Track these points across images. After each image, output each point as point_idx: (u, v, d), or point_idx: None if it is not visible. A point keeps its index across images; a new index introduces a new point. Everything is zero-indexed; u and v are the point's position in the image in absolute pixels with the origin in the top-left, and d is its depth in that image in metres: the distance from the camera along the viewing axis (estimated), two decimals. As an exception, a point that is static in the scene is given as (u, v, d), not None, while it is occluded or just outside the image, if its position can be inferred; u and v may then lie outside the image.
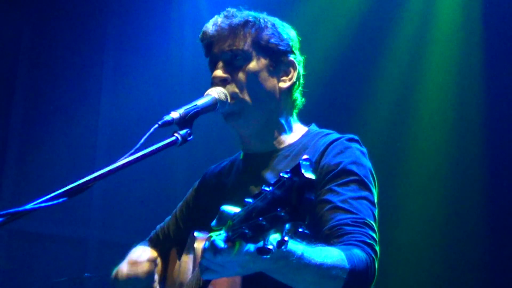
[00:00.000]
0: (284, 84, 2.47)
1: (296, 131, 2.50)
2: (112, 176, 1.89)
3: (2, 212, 1.70)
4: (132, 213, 6.63)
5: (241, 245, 1.66)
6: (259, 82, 2.41)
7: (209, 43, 2.48)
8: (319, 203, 2.19)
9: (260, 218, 1.54)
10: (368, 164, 2.32)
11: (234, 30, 2.43)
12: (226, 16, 2.47)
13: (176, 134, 2.10)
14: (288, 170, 1.52)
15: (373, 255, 2.06)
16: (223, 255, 1.68)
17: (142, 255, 2.60)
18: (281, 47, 2.46)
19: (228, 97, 2.37)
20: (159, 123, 2.09)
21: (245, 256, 1.69)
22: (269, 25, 2.47)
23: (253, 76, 2.40)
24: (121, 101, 6.83)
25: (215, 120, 2.54)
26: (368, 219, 2.14)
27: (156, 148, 2.02)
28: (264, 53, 2.43)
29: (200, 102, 2.26)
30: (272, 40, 2.45)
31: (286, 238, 1.51)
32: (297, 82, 2.51)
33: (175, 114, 2.13)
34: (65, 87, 6.63)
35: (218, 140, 6.19)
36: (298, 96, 2.53)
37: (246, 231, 1.58)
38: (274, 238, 1.55)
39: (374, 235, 2.12)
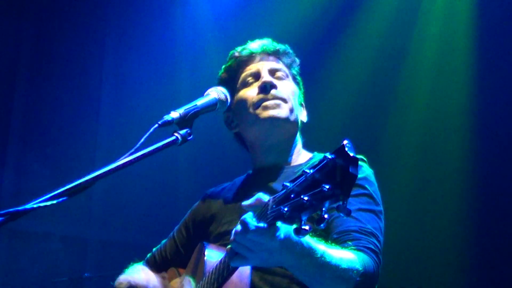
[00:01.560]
0: (302, 116, 2.63)
1: (303, 155, 2.60)
2: (112, 176, 1.89)
3: (2, 212, 1.70)
4: (132, 212, 6.63)
5: (274, 227, 1.68)
6: (297, 101, 2.58)
7: (250, 55, 2.63)
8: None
9: (302, 196, 1.55)
10: (376, 184, 2.40)
11: (277, 53, 2.64)
12: (269, 41, 2.68)
13: (176, 134, 2.10)
14: (331, 152, 1.56)
15: (378, 263, 2.14)
16: (255, 234, 1.70)
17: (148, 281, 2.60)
18: (301, 85, 2.68)
19: (228, 98, 2.37)
20: (159, 122, 2.09)
21: (275, 242, 1.72)
22: (297, 63, 2.70)
23: (294, 94, 2.58)
24: (121, 101, 6.83)
25: (216, 119, 2.54)
26: (375, 231, 2.21)
27: (156, 148, 2.02)
28: (295, 83, 2.64)
29: (200, 102, 2.26)
30: (298, 77, 2.68)
31: (325, 216, 1.53)
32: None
33: (175, 114, 2.13)
34: (65, 87, 6.63)
35: (219, 140, 6.19)
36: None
37: (285, 210, 1.59)
38: (311, 218, 1.57)
39: (379, 245, 2.20)
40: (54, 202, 1.77)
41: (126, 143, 2.03)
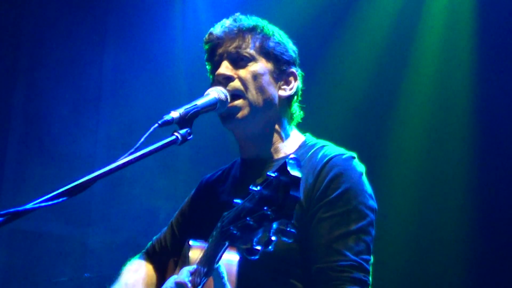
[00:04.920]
0: (284, 93, 2.48)
1: (293, 141, 2.51)
2: (113, 176, 1.89)
3: (2, 212, 1.70)
4: (132, 213, 6.63)
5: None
6: (263, 84, 2.42)
7: (214, 44, 2.50)
8: (313, 230, 2.24)
9: (248, 218, 1.56)
10: (365, 186, 2.32)
11: (242, 33, 2.46)
12: (235, 20, 2.52)
13: (176, 134, 2.11)
14: (274, 169, 1.55)
15: None
16: None
17: (145, 280, 2.62)
18: (285, 57, 2.49)
19: (229, 97, 2.36)
20: (159, 122, 2.09)
21: None
22: (275, 34, 2.51)
23: (258, 76, 2.42)
24: (121, 100, 6.83)
25: (217, 121, 2.54)
26: (356, 259, 2.19)
27: (156, 147, 2.03)
28: (269, 59, 2.46)
29: (200, 101, 2.26)
30: (278, 48, 2.48)
31: (273, 238, 1.54)
32: (296, 95, 2.53)
33: (175, 114, 2.14)
34: (65, 87, 6.63)
35: (220, 141, 6.18)
36: (296, 109, 2.55)
37: (235, 232, 1.61)
38: (261, 238, 1.57)
39: (361, 275, 2.18)
40: (54, 202, 1.77)
41: (126, 143, 2.03)
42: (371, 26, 5.92)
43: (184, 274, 2.11)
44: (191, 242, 2.31)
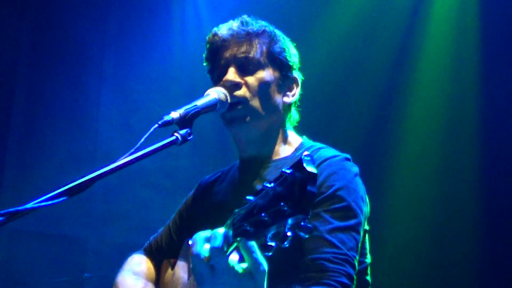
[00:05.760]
0: (287, 99, 2.51)
1: (290, 144, 2.52)
2: (112, 176, 1.89)
3: (2, 212, 1.70)
4: (132, 213, 6.63)
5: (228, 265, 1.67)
6: (269, 93, 2.44)
7: (219, 46, 2.49)
8: None
9: (263, 214, 1.55)
10: (359, 186, 2.32)
11: (250, 38, 2.46)
12: (242, 23, 2.50)
13: (176, 134, 2.10)
14: (289, 166, 1.54)
15: None
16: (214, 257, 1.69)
17: (147, 273, 2.62)
18: (289, 62, 2.51)
19: (229, 97, 2.37)
20: (159, 123, 2.08)
21: (230, 278, 1.69)
22: (280, 38, 2.51)
23: (265, 85, 2.43)
24: (121, 100, 6.84)
25: (218, 122, 2.54)
26: (350, 254, 2.18)
27: (156, 148, 2.02)
28: (275, 65, 2.47)
29: (200, 102, 2.26)
30: (284, 53, 2.49)
31: (288, 234, 1.53)
32: (296, 99, 2.55)
33: (175, 114, 2.13)
34: (65, 87, 6.64)
35: (220, 141, 6.19)
36: (295, 112, 2.57)
37: (248, 228, 1.59)
38: (275, 235, 1.56)
39: (352, 272, 2.17)
40: (54, 202, 1.77)
41: (126, 143, 2.03)
42: (377, 26, 5.93)
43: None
44: (190, 242, 2.32)
